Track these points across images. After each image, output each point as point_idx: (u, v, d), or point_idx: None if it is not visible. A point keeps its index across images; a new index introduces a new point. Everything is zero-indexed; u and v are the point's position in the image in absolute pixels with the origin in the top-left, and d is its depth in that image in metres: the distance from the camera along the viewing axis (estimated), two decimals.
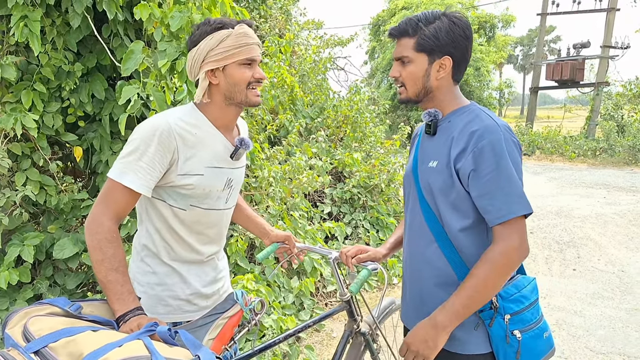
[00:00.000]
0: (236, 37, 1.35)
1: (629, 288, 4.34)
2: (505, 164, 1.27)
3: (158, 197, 1.39)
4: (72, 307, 1.18)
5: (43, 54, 2.35)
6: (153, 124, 1.33)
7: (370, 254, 1.68)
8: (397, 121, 17.49)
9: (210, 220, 1.47)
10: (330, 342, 3.33)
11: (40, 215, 2.68)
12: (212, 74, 1.37)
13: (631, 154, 13.18)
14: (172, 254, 1.44)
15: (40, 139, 2.43)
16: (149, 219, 1.43)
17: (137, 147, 1.30)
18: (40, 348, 0.99)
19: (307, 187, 3.99)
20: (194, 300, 1.49)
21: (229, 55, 1.35)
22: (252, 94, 1.41)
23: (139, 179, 1.29)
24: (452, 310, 1.29)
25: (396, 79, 1.42)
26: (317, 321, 1.69)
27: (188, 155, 1.36)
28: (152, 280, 1.44)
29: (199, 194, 1.40)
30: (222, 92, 1.39)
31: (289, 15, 6.84)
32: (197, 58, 1.37)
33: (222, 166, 1.45)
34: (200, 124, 1.40)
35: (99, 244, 1.26)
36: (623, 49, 17.09)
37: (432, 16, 1.36)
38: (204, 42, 1.35)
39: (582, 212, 7.42)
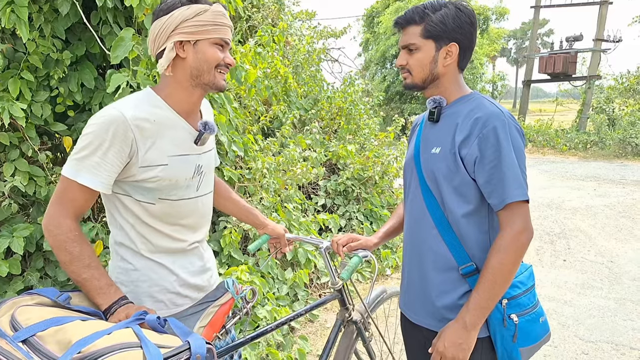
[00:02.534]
0: (213, 14, 1.28)
1: (617, 278, 4.40)
2: (507, 150, 1.29)
3: (123, 192, 1.31)
4: (61, 297, 1.17)
5: (30, 42, 2.29)
6: (106, 116, 1.23)
7: (361, 242, 1.70)
8: (391, 113, 17.51)
9: (183, 211, 1.39)
10: (324, 332, 3.34)
11: (30, 206, 2.64)
12: (181, 46, 1.28)
13: (621, 147, 13.30)
14: (151, 247, 1.36)
15: (28, 129, 2.39)
16: (120, 215, 1.34)
17: (91, 142, 1.21)
18: (28, 337, 0.98)
19: (301, 179, 3.98)
20: (184, 292, 1.42)
21: (204, 30, 1.27)
22: (220, 76, 1.34)
23: (95, 176, 1.21)
24: (477, 306, 1.31)
25: (402, 67, 1.43)
26: (308, 310, 1.70)
27: (148, 146, 1.27)
28: (136, 277, 1.36)
29: (165, 186, 1.32)
30: (188, 68, 1.30)
31: (282, 4, 6.78)
32: (167, 26, 1.26)
33: (187, 153, 1.36)
34: (159, 111, 1.31)
35: (63, 245, 1.20)
36: (615, 43, 17.17)
37: (438, 4, 1.37)
38: (178, 11, 1.26)
39: (573, 204, 7.49)
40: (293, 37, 6.44)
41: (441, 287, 1.42)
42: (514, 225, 1.29)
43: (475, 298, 1.31)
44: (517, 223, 1.29)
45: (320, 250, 1.79)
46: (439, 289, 1.43)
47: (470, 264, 1.38)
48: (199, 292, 1.46)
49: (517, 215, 1.29)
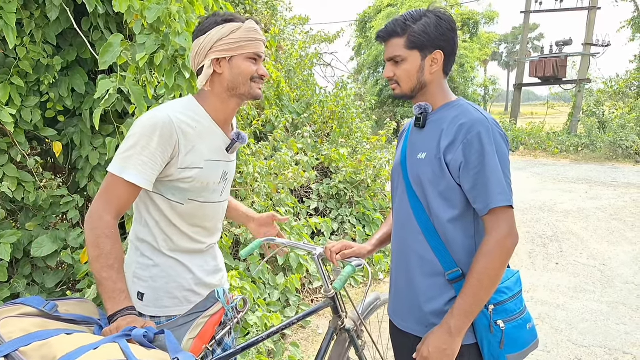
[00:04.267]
0: (246, 31, 1.38)
1: (610, 281, 4.42)
2: (491, 156, 1.31)
3: (157, 191, 1.39)
4: (47, 306, 1.15)
5: (21, 47, 2.28)
6: (154, 117, 1.32)
7: (355, 250, 1.69)
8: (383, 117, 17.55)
9: (207, 213, 1.49)
10: (315, 338, 3.33)
11: (18, 212, 2.61)
12: (218, 63, 1.38)
13: (612, 149, 13.43)
14: (172, 245, 1.44)
15: (18, 134, 2.37)
16: (147, 212, 1.42)
17: (138, 142, 1.29)
18: (11, 352, 0.96)
19: (292, 183, 3.97)
20: (198, 290, 1.49)
21: (238, 47, 1.37)
22: (255, 86, 1.43)
23: (141, 174, 1.29)
24: (462, 312, 1.31)
25: (390, 79, 1.45)
26: (301, 318, 1.68)
27: (189, 149, 1.36)
28: (155, 273, 1.43)
29: (197, 188, 1.41)
30: (225, 82, 1.40)
31: (275, 10, 6.78)
32: (204, 45, 1.38)
33: (219, 159, 1.47)
34: (199, 118, 1.41)
35: (97, 240, 1.25)
36: (604, 47, 17.38)
37: (417, 14, 1.40)
38: (215, 30, 1.37)
39: (565, 207, 7.54)
40: (286, 42, 6.44)
41: (428, 293, 1.42)
42: (499, 230, 1.30)
43: (460, 303, 1.32)
44: (502, 228, 1.30)
45: (313, 257, 1.78)
46: (425, 294, 1.43)
47: (457, 270, 1.38)
48: (209, 290, 1.50)
49: (502, 220, 1.30)
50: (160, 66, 2.01)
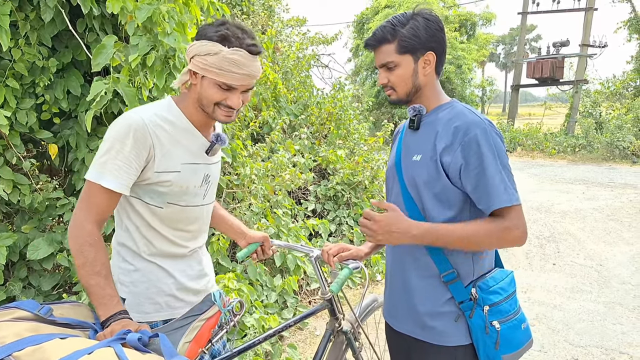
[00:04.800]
0: (222, 60, 1.29)
1: (607, 282, 4.43)
2: (491, 158, 1.31)
3: (134, 195, 1.37)
4: (42, 310, 1.15)
5: (16, 49, 2.27)
6: (127, 120, 1.30)
7: (352, 252, 1.68)
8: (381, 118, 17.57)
9: (189, 217, 1.45)
10: (313, 340, 3.32)
11: (14, 214, 2.60)
12: (194, 74, 1.35)
13: (609, 150, 13.46)
14: (153, 249, 1.42)
15: (13, 137, 2.36)
16: (127, 217, 1.40)
17: (112, 146, 1.28)
18: (4, 357, 0.95)
19: (290, 185, 3.97)
20: (180, 295, 1.46)
21: (208, 70, 1.31)
22: (220, 112, 1.37)
23: (117, 179, 1.27)
24: (428, 232, 1.34)
25: (385, 85, 1.44)
26: (297, 320, 1.68)
27: (164, 152, 1.34)
28: (135, 278, 1.41)
29: (176, 191, 1.38)
30: (195, 94, 1.37)
31: (272, 11, 6.79)
32: (189, 52, 1.36)
33: (198, 162, 1.43)
34: (176, 120, 1.38)
35: (80, 248, 1.25)
36: (601, 48, 17.45)
37: (405, 18, 1.39)
38: (197, 43, 1.33)
39: (562, 208, 7.55)
40: (283, 44, 6.45)
41: (423, 294, 1.42)
42: (516, 222, 1.31)
43: (437, 227, 1.33)
44: (513, 220, 1.31)
45: (311, 259, 1.78)
46: (421, 296, 1.43)
47: (452, 271, 1.38)
48: (196, 296, 1.50)
49: (516, 216, 1.32)
50: (152, 68, 2.01)
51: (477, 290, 1.37)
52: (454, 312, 1.39)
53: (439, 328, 1.40)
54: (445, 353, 1.41)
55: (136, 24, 1.98)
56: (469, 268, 1.39)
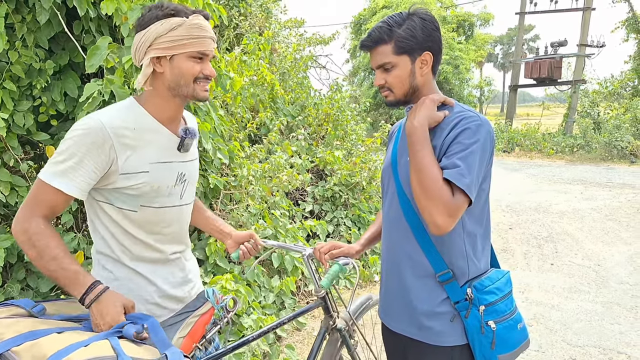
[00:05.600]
0: (189, 28, 1.27)
1: (604, 282, 4.44)
2: (476, 147, 1.28)
3: (105, 200, 1.32)
4: (35, 308, 1.17)
5: (13, 51, 2.28)
6: (84, 124, 1.25)
7: (343, 249, 1.69)
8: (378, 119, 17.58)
9: (166, 219, 1.39)
10: (311, 341, 3.33)
11: (12, 216, 2.60)
12: (158, 61, 1.29)
13: (607, 150, 13.48)
14: (131, 255, 1.36)
15: (10, 139, 2.37)
16: (101, 224, 1.35)
17: (68, 148, 1.23)
18: (4, 352, 0.98)
19: (287, 186, 3.98)
20: (163, 303, 1.41)
21: (179, 45, 1.27)
22: (200, 88, 1.33)
23: (70, 181, 1.22)
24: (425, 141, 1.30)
25: (382, 87, 1.42)
26: (292, 318, 1.69)
27: (128, 154, 1.28)
28: (115, 286, 1.33)
29: (147, 192, 1.32)
30: (166, 82, 1.31)
31: (270, 13, 6.80)
32: (143, 41, 1.28)
33: (170, 160, 1.38)
34: (140, 119, 1.32)
35: (30, 242, 1.20)
36: (599, 48, 17.48)
37: (400, 18, 1.37)
38: (153, 26, 1.26)
39: (560, 208, 7.56)
40: (280, 45, 6.46)
41: (419, 294, 1.42)
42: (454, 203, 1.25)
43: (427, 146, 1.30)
44: (454, 205, 1.25)
45: (303, 258, 1.79)
46: (416, 296, 1.43)
47: (447, 271, 1.38)
48: (178, 304, 1.44)
49: (458, 201, 1.25)
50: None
51: (472, 290, 1.36)
52: (450, 312, 1.39)
53: (435, 328, 1.40)
54: (442, 353, 1.41)
55: (130, 25, 1.98)
56: (464, 268, 1.39)
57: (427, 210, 1.26)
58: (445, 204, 1.24)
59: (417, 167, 1.28)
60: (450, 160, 1.28)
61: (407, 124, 1.36)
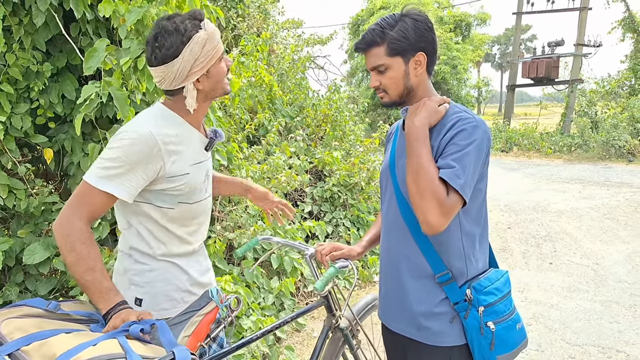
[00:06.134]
0: (211, 38, 1.34)
1: (603, 280, 4.44)
2: (472, 148, 1.28)
3: (144, 200, 1.38)
4: (50, 305, 1.20)
5: (10, 54, 2.28)
6: (134, 131, 1.30)
7: (344, 251, 1.70)
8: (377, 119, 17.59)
9: (196, 212, 1.50)
10: (310, 342, 3.32)
11: (10, 219, 2.60)
12: (198, 81, 1.36)
13: (605, 149, 13.50)
14: (166, 250, 1.45)
15: (8, 141, 2.36)
16: (138, 221, 1.41)
17: (118, 157, 1.27)
18: (13, 351, 1.00)
19: (286, 187, 3.98)
20: (194, 290, 1.51)
21: (210, 58, 1.34)
22: (226, 83, 1.44)
23: (120, 186, 1.28)
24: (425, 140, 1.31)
25: (377, 88, 1.44)
26: (294, 317, 1.70)
27: (173, 159, 1.35)
28: (152, 277, 1.43)
29: (186, 191, 1.42)
30: (204, 93, 1.40)
31: (268, 14, 6.80)
32: (182, 69, 1.31)
33: (201, 160, 1.48)
34: (177, 125, 1.40)
35: (72, 245, 1.24)
36: (596, 47, 17.51)
37: (393, 20, 1.38)
38: (186, 53, 1.30)
39: (558, 207, 7.57)
40: (278, 46, 6.46)
41: (418, 295, 1.43)
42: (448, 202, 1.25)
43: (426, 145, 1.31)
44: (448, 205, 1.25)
45: (305, 257, 1.81)
46: (415, 296, 1.43)
47: (446, 272, 1.38)
48: (202, 289, 1.54)
49: (452, 202, 1.26)
50: (143, 71, 2.01)
51: (471, 291, 1.36)
52: (449, 312, 1.39)
53: (434, 328, 1.40)
54: (441, 353, 1.41)
55: (128, 27, 1.98)
56: (462, 268, 1.40)
57: (420, 209, 1.26)
58: (439, 203, 1.24)
59: (415, 166, 1.29)
60: (446, 161, 1.28)
61: (407, 123, 1.36)
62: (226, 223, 3.40)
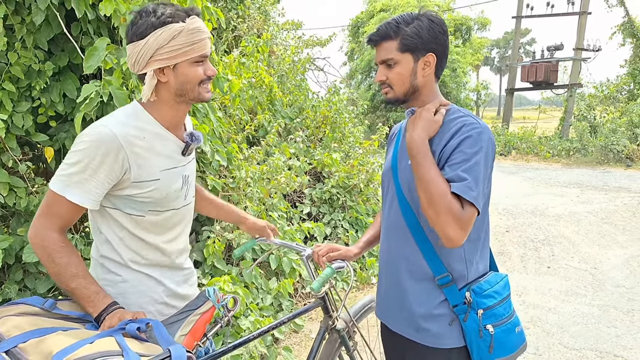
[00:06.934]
0: (189, 34, 1.25)
1: (601, 285, 4.46)
2: (480, 156, 1.28)
3: (112, 206, 1.32)
4: (46, 303, 1.20)
5: (12, 53, 2.28)
6: (97, 134, 1.23)
7: (341, 252, 1.71)
8: (376, 122, 17.62)
9: (173, 221, 1.42)
10: (308, 343, 3.33)
11: (10, 217, 2.60)
12: (161, 71, 1.27)
13: (603, 153, 13.54)
14: (139, 259, 1.38)
15: (9, 140, 2.37)
16: (108, 228, 1.35)
17: (80, 160, 1.21)
18: (11, 348, 1.01)
19: (285, 188, 3.98)
20: (171, 302, 1.44)
21: (181, 53, 1.25)
22: (204, 90, 1.33)
23: (84, 193, 1.22)
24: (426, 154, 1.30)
25: (383, 82, 1.43)
26: (292, 317, 1.70)
27: (140, 163, 1.28)
28: (124, 288, 1.36)
29: (157, 198, 1.34)
30: (172, 90, 1.30)
31: (268, 15, 6.81)
32: (143, 53, 1.24)
33: (175, 165, 1.39)
34: (148, 126, 1.32)
35: (51, 256, 1.22)
36: (595, 52, 17.56)
37: (409, 17, 1.39)
38: (152, 36, 1.23)
39: (557, 211, 7.59)
40: (278, 47, 6.47)
41: (417, 296, 1.43)
42: (464, 215, 1.24)
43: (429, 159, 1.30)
44: (464, 218, 1.24)
45: (302, 258, 1.81)
46: (415, 298, 1.43)
47: (447, 275, 1.39)
48: (183, 301, 1.48)
49: (467, 215, 1.25)
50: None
51: (471, 294, 1.37)
52: (448, 315, 1.40)
53: (433, 330, 1.41)
54: (440, 355, 1.42)
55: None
56: (463, 271, 1.40)
57: (438, 225, 1.25)
58: (455, 218, 1.23)
59: (423, 181, 1.28)
60: (455, 173, 1.27)
61: (407, 137, 1.36)
62: (225, 224, 3.41)
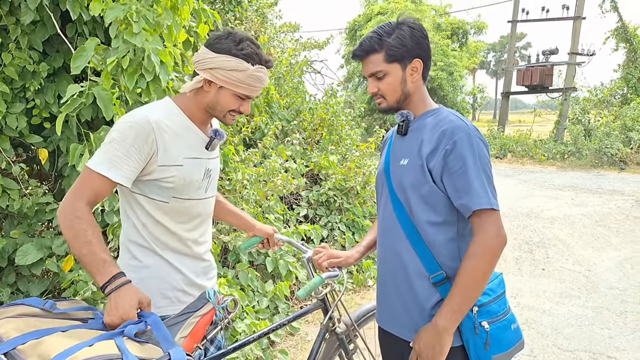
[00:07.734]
0: (249, 76, 1.40)
1: (595, 287, 4.47)
2: (473, 161, 1.33)
3: (139, 192, 1.42)
4: (46, 304, 1.20)
5: (6, 53, 2.27)
6: (130, 116, 1.38)
7: (342, 259, 1.74)
8: (373, 124, 17.65)
9: (193, 211, 1.52)
10: (304, 345, 3.32)
11: (3, 219, 2.58)
12: (209, 83, 1.42)
13: (597, 157, 13.61)
14: (160, 244, 1.47)
15: (3, 141, 2.35)
16: (134, 214, 1.45)
17: (114, 139, 1.34)
18: (9, 350, 1.01)
19: (282, 190, 3.98)
20: (190, 290, 1.52)
21: (232, 84, 1.40)
22: (230, 117, 1.48)
23: (115, 168, 1.32)
24: (450, 311, 1.32)
25: (375, 94, 1.47)
26: (291, 320, 1.70)
27: (167, 147, 1.40)
28: (145, 274, 1.45)
29: (180, 185, 1.44)
30: (206, 100, 1.45)
31: (265, 17, 6.82)
32: (207, 62, 1.40)
33: (199, 157, 1.50)
34: (176, 117, 1.45)
35: (70, 223, 1.28)
36: (589, 56, 17.68)
37: (389, 28, 1.43)
38: (222, 57, 1.38)
39: (551, 214, 7.62)
40: (276, 50, 6.47)
41: (413, 296, 1.45)
42: (486, 231, 1.32)
43: (449, 302, 1.33)
44: (488, 230, 1.32)
45: (303, 260, 1.82)
46: (411, 298, 1.45)
47: (441, 273, 1.40)
48: (199, 291, 1.54)
49: (487, 222, 1.32)
50: (128, 70, 2.01)
51: None
52: None
53: None
54: None
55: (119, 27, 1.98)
56: (457, 269, 1.41)
57: (500, 252, 1.34)
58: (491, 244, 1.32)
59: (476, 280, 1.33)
60: (459, 194, 1.34)
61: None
62: (221, 226, 3.40)
